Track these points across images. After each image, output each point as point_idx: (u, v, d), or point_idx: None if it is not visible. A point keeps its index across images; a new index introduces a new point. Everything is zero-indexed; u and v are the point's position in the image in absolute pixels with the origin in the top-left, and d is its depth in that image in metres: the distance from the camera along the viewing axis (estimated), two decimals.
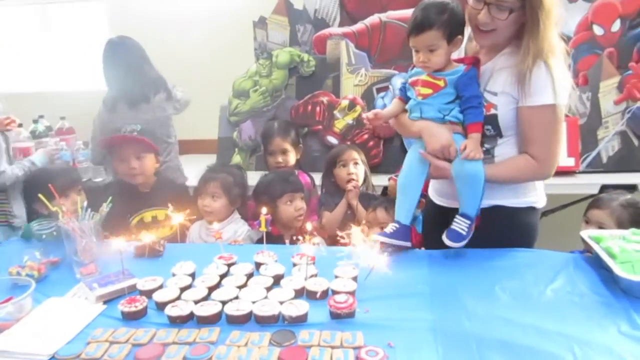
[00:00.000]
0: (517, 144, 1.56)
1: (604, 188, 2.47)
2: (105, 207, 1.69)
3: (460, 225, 1.52)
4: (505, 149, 1.57)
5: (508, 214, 1.61)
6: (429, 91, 1.54)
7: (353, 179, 2.29)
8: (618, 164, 2.76)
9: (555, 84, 1.44)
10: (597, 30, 2.80)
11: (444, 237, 1.53)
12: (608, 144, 2.78)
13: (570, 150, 2.69)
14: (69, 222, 1.61)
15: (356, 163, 2.33)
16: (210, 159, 2.93)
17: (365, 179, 2.37)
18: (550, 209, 2.72)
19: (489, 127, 1.54)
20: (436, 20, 1.46)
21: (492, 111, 1.52)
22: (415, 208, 1.64)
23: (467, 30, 1.56)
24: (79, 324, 1.26)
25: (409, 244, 1.60)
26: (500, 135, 1.56)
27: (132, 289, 1.40)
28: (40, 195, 1.69)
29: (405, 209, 1.61)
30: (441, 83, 1.52)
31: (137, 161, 2.13)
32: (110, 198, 1.74)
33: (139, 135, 2.19)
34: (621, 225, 1.78)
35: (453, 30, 1.48)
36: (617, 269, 1.33)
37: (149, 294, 1.36)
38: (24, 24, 4.07)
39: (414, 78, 1.58)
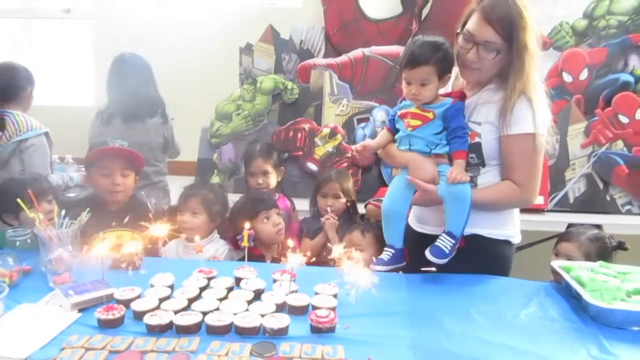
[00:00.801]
0: (499, 174, 1.64)
1: (571, 227, 2.57)
2: (84, 216, 1.66)
3: (444, 242, 1.56)
4: (487, 178, 1.64)
5: (485, 244, 1.66)
6: (419, 122, 1.60)
7: (330, 211, 2.32)
8: (584, 204, 2.89)
9: (535, 116, 1.54)
10: (567, 77, 2.97)
11: (427, 252, 1.57)
12: (575, 185, 2.91)
13: (540, 189, 2.79)
14: (46, 230, 1.58)
15: (337, 196, 2.37)
16: (189, 181, 2.92)
17: (349, 209, 2.40)
18: (521, 246, 2.80)
19: (473, 155, 1.61)
20: (431, 57, 1.54)
21: (476, 139, 1.60)
22: (405, 236, 1.68)
23: (455, 69, 1.66)
24: (53, 329, 1.23)
25: (404, 263, 1.65)
26: (483, 165, 1.63)
27: (110, 298, 1.37)
28: (19, 201, 1.65)
29: (395, 233, 1.66)
30: (430, 115, 1.59)
31: (121, 178, 2.10)
32: (88, 209, 1.72)
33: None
34: (588, 257, 1.86)
35: (445, 68, 1.57)
36: (587, 296, 1.39)
37: (126, 303, 1.34)
38: (7, 37, 4.03)
39: (404, 110, 1.64)
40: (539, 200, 2.80)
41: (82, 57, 3.90)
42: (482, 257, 1.64)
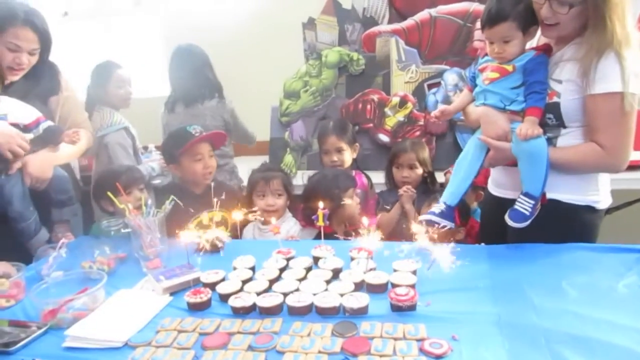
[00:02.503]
0: (583, 137, 1.51)
1: None
2: (167, 205, 1.75)
3: (523, 205, 1.49)
4: (569, 140, 1.52)
5: (565, 210, 1.55)
6: (496, 75, 1.53)
7: (407, 182, 2.28)
8: None
9: (624, 73, 1.39)
10: None
11: (506, 217, 1.50)
12: None
13: (637, 143, 2.54)
14: (135, 219, 1.69)
15: (413, 167, 2.31)
16: (263, 160, 2.99)
17: (426, 179, 2.34)
18: (615, 206, 2.60)
19: (551, 115, 1.50)
20: (511, 11, 1.46)
21: (555, 99, 1.48)
22: (465, 194, 1.63)
23: None
24: (148, 313, 1.31)
25: (452, 224, 1.59)
26: (563, 126, 1.51)
27: (197, 282, 1.45)
28: (108, 193, 1.77)
29: (454, 190, 1.61)
30: (509, 67, 1.51)
31: (210, 159, 2.20)
32: (171, 197, 1.80)
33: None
34: None
35: (528, 20, 1.47)
36: None
37: (212, 286, 1.40)
38: (88, 35, 4.27)
39: (484, 64, 1.59)
40: (636, 155, 2.56)
41: (154, 49, 4.06)
42: (561, 225, 1.53)
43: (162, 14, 3.94)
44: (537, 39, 1.60)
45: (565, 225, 1.55)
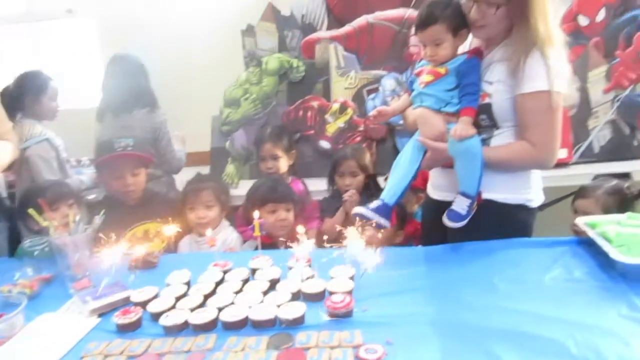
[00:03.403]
0: (515, 137, 1.56)
1: (597, 178, 2.47)
2: (97, 220, 1.67)
3: (460, 204, 1.52)
4: (501, 140, 1.57)
5: (498, 208, 1.59)
6: (431, 78, 1.56)
7: (350, 189, 2.29)
8: (610, 153, 2.77)
9: (550, 72, 1.45)
10: (582, 21, 2.82)
11: (444, 218, 1.53)
12: (599, 134, 2.79)
13: (562, 142, 2.67)
14: (61, 237, 1.59)
15: (355, 174, 2.32)
16: (204, 171, 2.92)
17: (369, 184, 2.35)
18: (545, 203, 2.71)
19: (484, 116, 1.55)
20: (440, 15, 1.50)
21: (487, 100, 1.53)
22: (403, 195, 1.62)
23: None
24: (72, 338, 1.24)
25: (387, 223, 1.57)
26: (496, 126, 1.56)
27: (127, 301, 1.38)
28: (30, 211, 1.66)
29: (393, 188, 1.60)
30: (442, 70, 1.55)
31: (132, 177, 2.11)
32: (103, 210, 1.72)
33: (133, 148, 2.15)
34: (607, 212, 1.77)
35: (457, 24, 1.52)
36: (614, 253, 1.32)
37: (143, 305, 1.34)
38: (14, 42, 4.05)
39: (420, 69, 1.63)
40: (562, 153, 2.70)
41: (89, 58, 3.91)
42: (496, 224, 1.57)
43: (97, 22, 3.80)
44: (470, 43, 1.65)
45: (500, 224, 1.58)
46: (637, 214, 1.54)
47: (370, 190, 2.36)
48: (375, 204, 1.59)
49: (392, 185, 1.62)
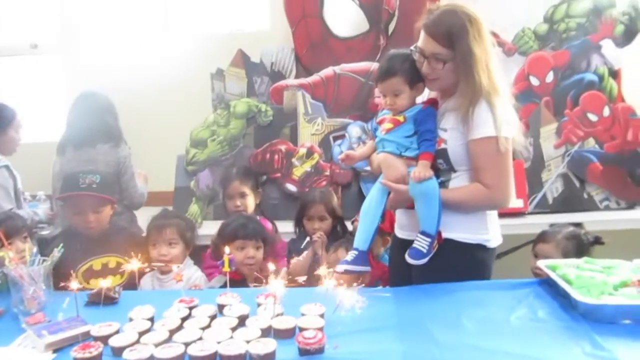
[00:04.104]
0: (471, 180, 1.66)
1: (554, 225, 2.59)
2: (56, 252, 1.60)
3: (420, 242, 1.58)
4: (459, 182, 1.67)
5: (459, 248, 1.66)
6: (391, 125, 1.67)
7: (318, 230, 2.31)
8: (563, 204, 2.91)
9: (496, 119, 1.57)
10: (534, 81, 3.03)
11: (406, 256, 1.59)
12: (552, 186, 2.94)
13: (518, 192, 2.81)
14: (17, 268, 1.52)
15: (323, 218, 2.35)
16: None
17: (336, 226, 2.39)
18: (504, 251, 2.81)
19: (441, 160, 1.65)
20: (399, 68, 1.63)
21: (443, 145, 1.64)
22: (374, 238, 1.69)
23: None
24: None
25: (368, 268, 1.66)
26: (454, 170, 1.66)
27: (86, 336, 1.31)
28: None
29: (363, 236, 1.67)
30: (401, 118, 1.66)
31: (94, 214, 2.03)
32: (61, 244, 1.66)
33: (99, 185, 2.09)
34: (567, 256, 1.87)
35: (414, 77, 1.64)
36: (575, 294, 1.38)
37: (104, 339, 1.28)
38: None
39: (381, 117, 1.73)
40: (519, 203, 2.83)
41: (52, 93, 3.84)
42: (457, 263, 1.64)
43: (62, 59, 3.77)
44: (428, 94, 1.77)
45: (461, 263, 1.66)
46: (593, 259, 1.63)
47: (336, 232, 2.39)
48: (351, 255, 1.66)
49: (362, 231, 1.69)
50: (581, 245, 1.93)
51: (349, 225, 2.49)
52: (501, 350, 1.20)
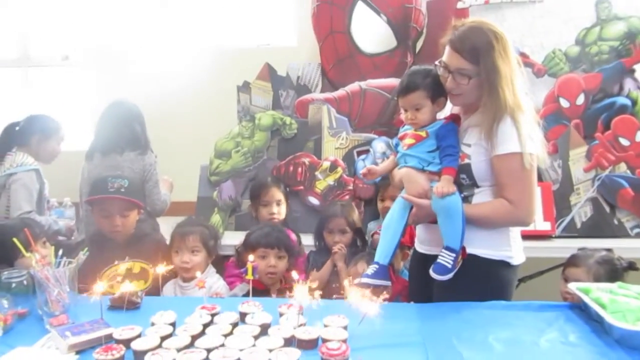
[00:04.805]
0: (494, 195, 1.64)
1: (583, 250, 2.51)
2: (81, 255, 1.61)
3: (445, 258, 1.55)
4: (482, 198, 1.65)
5: (482, 264, 1.63)
6: (413, 141, 1.66)
7: (339, 242, 2.30)
8: (591, 229, 2.83)
9: (520, 135, 1.56)
10: (564, 103, 2.98)
11: (431, 272, 1.56)
12: (581, 210, 2.87)
13: (545, 215, 2.75)
14: (43, 270, 1.53)
15: (344, 231, 2.34)
16: None
17: (356, 240, 2.37)
18: (529, 275, 2.74)
19: (464, 176, 1.63)
20: (421, 83, 1.63)
21: (466, 160, 1.63)
22: (395, 252, 1.68)
23: None
24: None
25: (389, 282, 1.64)
26: (476, 185, 1.65)
27: (109, 339, 1.30)
28: (14, 240, 1.60)
29: (384, 250, 1.66)
30: (423, 134, 1.65)
31: (121, 219, 2.06)
32: (86, 248, 1.67)
33: (127, 190, 2.12)
34: (598, 281, 1.79)
35: (436, 91, 1.64)
36: (610, 319, 1.33)
37: (126, 343, 1.27)
38: (6, 86, 4.06)
39: (403, 133, 1.73)
40: (546, 226, 2.76)
41: (82, 104, 3.92)
42: (478, 279, 1.61)
43: (93, 69, 3.85)
44: (451, 109, 1.75)
45: (483, 279, 1.63)
46: (627, 284, 1.57)
47: (356, 246, 2.37)
48: (372, 269, 1.64)
49: (383, 245, 1.68)
50: (614, 271, 1.86)
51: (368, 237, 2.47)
52: None
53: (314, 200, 3.00)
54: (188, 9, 3.76)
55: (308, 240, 2.54)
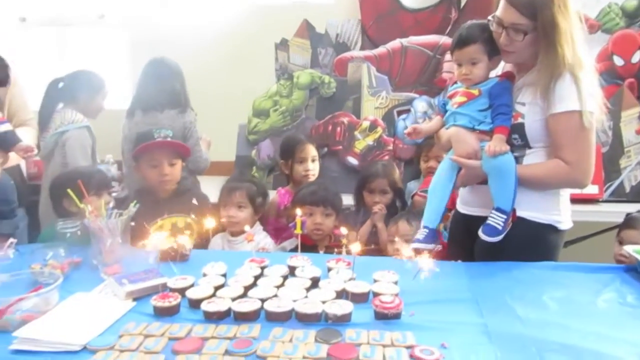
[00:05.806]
0: (546, 156, 1.57)
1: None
2: (132, 207, 1.64)
3: (495, 219, 1.50)
4: (533, 159, 1.58)
5: (529, 227, 1.58)
6: (464, 99, 1.60)
7: (379, 203, 2.28)
8: None
9: (581, 93, 1.47)
10: (617, 61, 2.83)
11: (480, 232, 1.52)
12: (630, 174, 2.76)
13: (594, 178, 2.64)
14: (96, 221, 1.56)
15: (384, 192, 2.31)
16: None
17: (395, 201, 2.35)
18: (574, 239, 2.67)
19: (516, 136, 1.56)
20: (479, 36, 1.56)
21: (519, 120, 1.55)
22: (443, 215, 1.63)
23: None
24: (109, 317, 1.19)
25: (439, 246, 1.60)
26: (528, 146, 1.58)
27: (164, 287, 1.33)
28: (69, 191, 1.64)
29: (433, 213, 1.62)
30: (476, 92, 1.59)
31: (169, 167, 2.08)
32: (135, 201, 1.70)
33: (172, 139, 2.14)
34: None
35: (493, 48, 1.56)
36: None
37: (181, 291, 1.30)
38: (42, 45, 4.09)
39: (452, 91, 1.66)
40: (593, 189, 2.67)
41: (119, 62, 3.93)
42: (525, 242, 1.56)
43: (129, 27, 3.84)
44: (502, 68, 1.67)
45: (530, 242, 1.58)
46: None
47: (395, 206, 2.35)
48: (422, 233, 1.60)
49: (431, 209, 1.64)
50: None
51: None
52: (592, 332, 1.13)
53: (352, 160, 2.97)
54: None
55: (347, 200, 2.52)
